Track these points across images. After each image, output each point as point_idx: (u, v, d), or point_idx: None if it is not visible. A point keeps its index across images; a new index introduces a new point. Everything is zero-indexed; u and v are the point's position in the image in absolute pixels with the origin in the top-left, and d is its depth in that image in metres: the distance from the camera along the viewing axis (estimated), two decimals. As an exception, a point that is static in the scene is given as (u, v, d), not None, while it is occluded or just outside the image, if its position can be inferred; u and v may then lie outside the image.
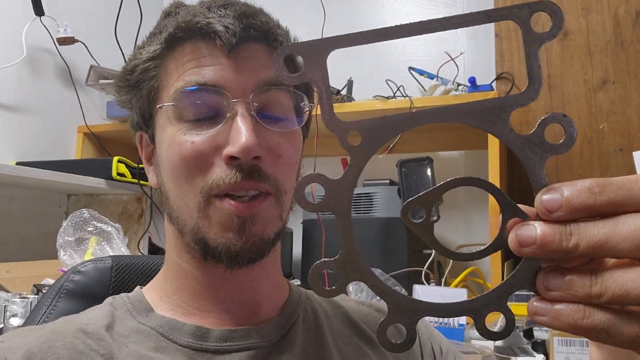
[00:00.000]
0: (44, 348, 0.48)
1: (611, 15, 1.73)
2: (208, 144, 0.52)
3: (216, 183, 0.51)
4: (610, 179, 0.28)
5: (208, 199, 0.52)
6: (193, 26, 0.53)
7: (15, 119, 1.70)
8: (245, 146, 0.50)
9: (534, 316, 0.29)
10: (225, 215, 0.51)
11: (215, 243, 0.52)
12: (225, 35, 0.52)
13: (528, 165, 0.30)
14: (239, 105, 0.52)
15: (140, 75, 0.57)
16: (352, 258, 0.31)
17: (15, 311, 0.99)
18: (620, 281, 0.27)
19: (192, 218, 0.53)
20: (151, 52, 0.56)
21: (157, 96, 0.56)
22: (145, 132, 0.59)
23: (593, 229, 0.28)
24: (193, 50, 0.54)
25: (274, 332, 0.56)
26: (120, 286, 0.67)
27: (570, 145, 0.30)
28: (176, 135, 0.53)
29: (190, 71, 0.53)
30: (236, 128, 0.51)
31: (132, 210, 1.68)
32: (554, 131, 0.31)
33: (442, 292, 1.38)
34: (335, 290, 0.31)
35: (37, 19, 1.70)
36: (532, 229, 0.29)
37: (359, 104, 1.67)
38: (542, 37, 0.30)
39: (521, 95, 0.31)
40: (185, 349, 0.52)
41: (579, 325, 0.28)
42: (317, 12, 1.50)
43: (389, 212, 1.50)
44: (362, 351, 0.59)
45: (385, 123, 0.31)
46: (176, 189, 0.54)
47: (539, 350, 1.09)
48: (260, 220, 0.52)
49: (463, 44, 1.92)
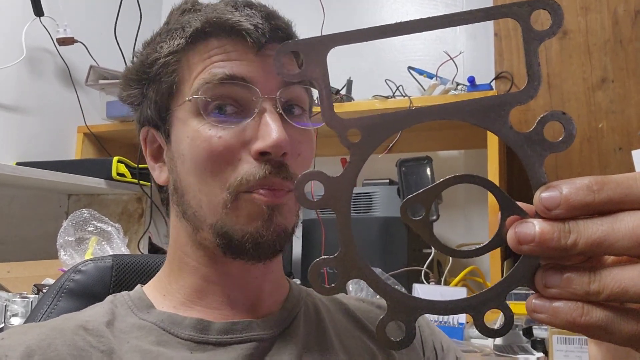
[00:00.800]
0: (44, 345, 0.48)
1: (610, 14, 1.73)
2: (236, 139, 0.52)
3: (246, 179, 0.52)
4: (608, 177, 0.28)
5: (237, 194, 0.52)
6: (223, 22, 0.54)
7: (15, 119, 1.70)
8: (278, 141, 0.51)
9: (532, 313, 0.29)
10: (255, 205, 0.52)
11: (242, 233, 0.52)
12: (255, 34, 0.53)
13: (527, 163, 0.30)
14: (267, 101, 0.53)
15: (161, 68, 0.56)
16: (352, 256, 0.31)
17: (15, 311, 1.00)
18: (618, 279, 0.27)
19: (215, 214, 0.53)
20: (174, 45, 0.56)
21: (178, 90, 0.56)
22: (155, 128, 0.59)
23: (592, 226, 0.28)
24: (219, 45, 0.54)
25: (276, 325, 0.56)
26: (120, 285, 0.67)
27: (569, 143, 0.30)
28: (201, 129, 0.53)
29: (218, 64, 0.53)
30: (266, 123, 0.52)
31: (132, 210, 1.68)
32: (554, 129, 0.32)
33: (442, 291, 1.38)
34: (335, 288, 0.32)
35: (37, 19, 1.70)
36: (531, 227, 0.29)
37: (358, 103, 1.68)
38: (542, 35, 0.30)
39: (520, 93, 0.31)
40: (186, 342, 0.52)
41: (578, 323, 0.28)
42: (317, 12, 1.50)
43: (388, 211, 1.50)
44: (365, 344, 0.59)
45: (385, 120, 0.31)
46: (199, 184, 0.54)
47: (538, 349, 1.09)
48: (286, 210, 0.53)
49: (462, 43, 1.92)
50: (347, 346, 0.58)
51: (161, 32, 0.59)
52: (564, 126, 0.30)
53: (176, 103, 0.56)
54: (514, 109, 0.31)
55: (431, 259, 1.50)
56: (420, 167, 1.48)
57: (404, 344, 0.31)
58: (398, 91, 1.70)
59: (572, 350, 0.98)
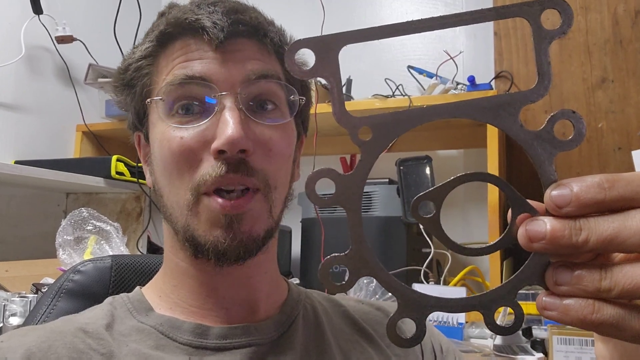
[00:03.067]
0: (44, 347, 0.48)
1: (610, 14, 1.73)
2: (196, 139, 0.52)
3: (203, 179, 0.51)
4: (619, 175, 0.28)
5: (197, 196, 0.52)
6: (182, 22, 0.54)
7: (14, 117, 1.70)
8: (231, 138, 0.49)
9: (543, 311, 0.29)
10: (212, 213, 0.51)
11: (204, 240, 0.52)
12: (212, 30, 0.52)
13: (537, 160, 0.31)
14: (227, 98, 0.52)
15: (134, 73, 0.57)
16: (362, 254, 0.31)
17: (14, 310, 0.99)
18: (630, 275, 0.27)
19: (182, 216, 0.53)
20: (143, 50, 0.56)
21: (149, 93, 0.56)
22: (140, 132, 0.59)
23: (603, 224, 0.28)
24: (182, 46, 0.54)
25: (274, 329, 0.56)
26: (119, 286, 0.67)
27: (579, 142, 0.30)
28: (166, 131, 0.53)
29: (179, 65, 0.53)
30: (223, 121, 0.51)
31: (131, 209, 1.68)
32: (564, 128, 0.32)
33: (441, 290, 1.38)
34: (345, 285, 0.32)
35: (36, 17, 1.69)
36: (542, 224, 0.29)
37: (358, 102, 1.67)
38: (552, 34, 0.30)
39: (531, 91, 0.31)
40: (185, 346, 0.52)
41: (589, 320, 0.28)
42: (317, 11, 1.50)
43: (388, 211, 1.50)
44: (362, 348, 0.59)
45: (396, 119, 0.31)
46: (168, 186, 0.54)
47: (538, 349, 1.09)
48: (248, 218, 0.52)
49: (462, 42, 1.92)
50: (345, 351, 0.58)
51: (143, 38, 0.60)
52: (573, 125, 0.30)
53: (147, 106, 0.56)
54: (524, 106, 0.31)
55: (430, 259, 1.50)
56: (419, 166, 1.48)
57: (415, 341, 0.32)
58: (398, 90, 1.70)
59: (572, 351, 0.98)
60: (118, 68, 0.60)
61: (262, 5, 0.61)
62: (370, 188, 1.55)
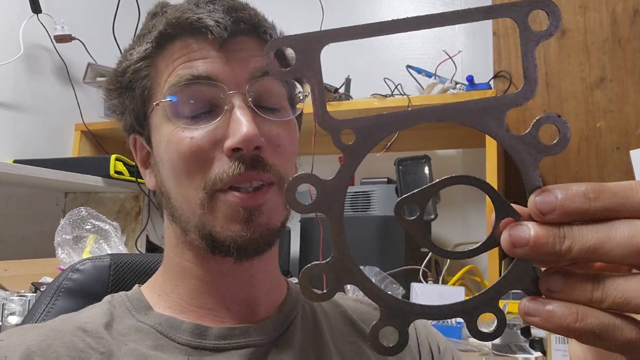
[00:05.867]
0: (44, 346, 0.48)
1: (609, 13, 1.73)
2: (207, 139, 0.52)
3: (219, 177, 0.51)
4: (605, 185, 0.28)
5: (212, 194, 0.52)
6: (183, 22, 0.53)
7: (13, 116, 1.70)
8: (247, 136, 0.50)
9: (525, 316, 0.29)
10: (231, 207, 0.51)
11: (223, 236, 0.52)
12: (216, 29, 0.52)
13: (522, 165, 0.30)
14: (236, 97, 0.52)
15: (132, 75, 0.56)
16: (344, 262, 0.31)
17: (13, 309, 0.99)
18: (621, 289, 0.27)
19: (195, 215, 0.53)
20: (142, 52, 0.56)
21: (150, 95, 0.56)
22: (140, 135, 0.59)
23: (587, 233, 0.28)
24: (183, 46, 0.54)
25: (273, 329, 0.56)
26: (118, 284, 0.67)
27: (563, 147, 0.30)
28: (174, 132, 0.53)
29: (182, 66, 0.53)
30: (235, 119, 0.51)
31: (130, 208, 1.68)
32: (551, 131, 0.31)
33: (440, 290, 1.38)
34: (326, 294, 0.31)
35: (34, 16, 1.69)
36: (526, 230, 0.28)
37: (357, 102, 1.68)
38: (539, 36, 0.30)
39: (517, 95, 0.30)
40: (183, 346, 0.52)
41: (571, 328, 0.28)
42: (316, 11, 1.50)
43: (386, 210, 1.50)
44: (360, 349, 0.59)
45: (379, 122, 0.30)
46: (177, 187, 0.54)
47: (536, 348, 1.10)
48: (266, 210, 0.52)
49: (461, 42, 1.92)
50: (343, 352, 0.58)
51: (134, 40, 0.59)
52: (558, 129, 0.30)
53: (150, 108, 0.56)
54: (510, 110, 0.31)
55: (429, 258, 1.50)
56: (418, 166, 1.48)
57: (397, 350, 0.31)
58: (397, 90, 1.70)
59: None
60: (114, 70, 0.59)
61: (261, 4, 0.61)
62: (368, 187, 1.55)
